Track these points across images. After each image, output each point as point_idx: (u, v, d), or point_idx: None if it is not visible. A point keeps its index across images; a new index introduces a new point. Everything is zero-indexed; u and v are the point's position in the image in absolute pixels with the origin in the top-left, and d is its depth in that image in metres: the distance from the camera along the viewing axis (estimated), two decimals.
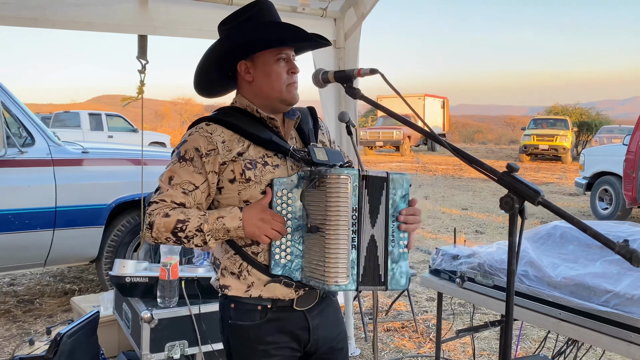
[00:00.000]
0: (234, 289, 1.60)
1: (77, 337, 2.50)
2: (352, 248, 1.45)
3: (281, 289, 1.58)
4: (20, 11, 2.60)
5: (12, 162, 3.97)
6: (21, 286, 5.32)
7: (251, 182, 1.55)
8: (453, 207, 10.15)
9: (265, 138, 1.58)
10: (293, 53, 1.65)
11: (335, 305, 1.80)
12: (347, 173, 1.44)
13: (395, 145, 24.05)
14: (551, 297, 2.22)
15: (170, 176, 1.55)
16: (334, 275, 1.44)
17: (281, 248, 1.53)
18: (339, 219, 1.44)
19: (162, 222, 1.49)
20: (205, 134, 1.56)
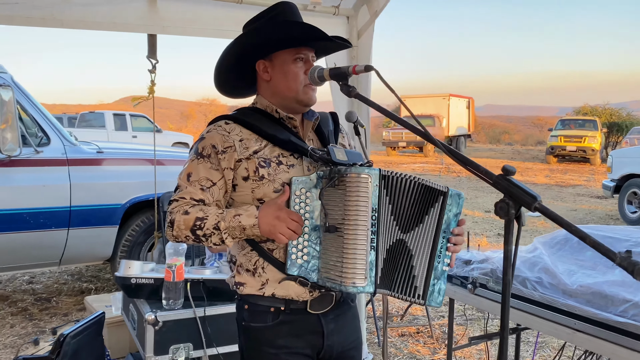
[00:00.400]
0: (249, 286, 1.59)
1: (82, 338, 2.48)
2: (370, 249, 1.40)
3: (295, 288, 1.55)
4: (29, 11, 2.60)
5: (27, 161, 4.01)
6: (39, 284, 5.39)
7: (264, 180, 1.54)
8: (476, 210, 9.96)
9: (283, 138, 1.57)
10: (313, 55, 1.64)
11: (353, 312, 1.75)
12: (368, 172, 1.40)
13: (419, 146, 23.82)
14: (566, 305, 2.11)
15: (189, 173, 1.55)
16: (351, 275, 1.39)
17: (298, 248, 1.49)
18: (359, 218, 1.39)
19: (182, 220, 1.49)
20: (223, 132, 1.57)
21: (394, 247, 1.48)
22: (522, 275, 2.32)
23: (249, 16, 3.23)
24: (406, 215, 1.48)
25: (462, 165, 1.10)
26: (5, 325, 4.29)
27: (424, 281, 1.50)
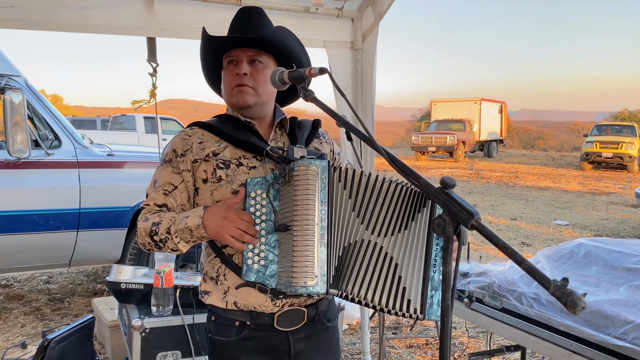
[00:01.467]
0: (212, 295, 1.54)
1: (68, 343, 2.47)
2: (320, 245, 1.31)
3: (256, 296, 1.47)
4: (25, 14, 2.61)
5: (38, 163, 4.06)
6: (55, 284, 5.46)
7: (222, 182, 1.51)
8: (501, 217, 9.69)
9: (243, 139, 1.54)
10: (251, 54, 1.55)
11: (330, 332, 1.64)
12: (315, 164, 1.32)
13: (449, 150, 23.43)
14: (562, 325, 1.98)
15: (155, 180, 1.56)
16: (301, 275, 1.29)
17: (254, 252, 1.41)
18: (307, 213, 1.31)
19: (142, 227, 1.49)
20: (185, 136, 1.57)
21: (358, 248, 1.36)
22: (519, 290, 2.19)
23: None
24: (377, 216, 1.37)
25: (403, 174, 1.01)
26: (17, 325, 4.35)
27: (420, 294, 1.37)
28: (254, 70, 1.54)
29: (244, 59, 1.54)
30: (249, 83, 1.53)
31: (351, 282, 1.36)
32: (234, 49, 1.55)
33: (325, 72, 1.26)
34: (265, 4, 3.09)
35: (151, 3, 2.87)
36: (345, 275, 1.36)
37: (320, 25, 3.31)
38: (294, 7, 3.15)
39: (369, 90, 3.39)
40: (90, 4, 2.72)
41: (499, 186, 14.71)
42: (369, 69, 3.36)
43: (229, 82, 1.55)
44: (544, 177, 17.28)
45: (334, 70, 3.39)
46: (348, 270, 1.36)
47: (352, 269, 1.36)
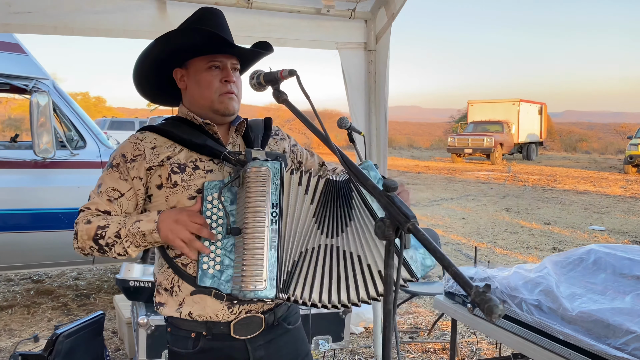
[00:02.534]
0: (168, 307, 1.50)
1: (77, 338, 2.54)
2: (270, 248, 1.30)
3: (211, 304, 1.44)
4: (41, 19, 2.70)
5: (63, 163, 4.20)
6: (83, 281, 5.64)
7: (178, 187, 1.46)
8: (534, 221, 9.44)
9: (198, 142, 1.49)
10: (234, 62, 1.55)
11: (294, 335, 1.61)
12: (267, 165, 1.32)
13: (486, 152, 22.99)
14: (561, 333, 1.92)
15: (99, 184, 1.51)
16: (249, 279, 1.29)
17: (210, 257, 1.38)
18: (256, 215, 1.30)
19: (85, 230, 1.43)
20: (135, 140, 1.51)
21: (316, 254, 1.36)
22: (520, 296, 2.14)
23: (259, 21, 3.22)
24: (332, 219, 1.37)
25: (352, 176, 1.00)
26: (44, 319, 4.52)
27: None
28: (237, 79, 1.55)
29: (229, 66, 1.53)
30: (235, 91, 1.53)
31: (300, 286, 1.35)
32: (221, 54, 1.52)
33: (294, 74, 1.27)
34: (276, 6, 3.11)
35: (163, 7, 2.93)
36: (296, 280, 1.35)
37: (332, 27, 3.30)
38: (305, 9, 3.16)
39: (382, 92, 3.36)
40: (104, 9, 2.80)
41: (535, 189, 14.34)
42: (382, 70, 3.34)
43: (216, 87, 1.51)
44: (584, 180, 16.74)
45: (346, 71, 3.38)
46: (302, 274, 1.35)
47: (306, 272, 1.35)
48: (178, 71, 1.57)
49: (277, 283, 1.30)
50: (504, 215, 10.14)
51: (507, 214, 10.22)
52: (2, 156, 4.20)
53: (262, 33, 3.15)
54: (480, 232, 8.48)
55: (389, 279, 0.86)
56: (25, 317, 4.54)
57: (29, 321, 4.45)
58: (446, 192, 13.52)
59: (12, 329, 4.27)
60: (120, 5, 2.82)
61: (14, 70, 4.20)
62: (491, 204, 11.51)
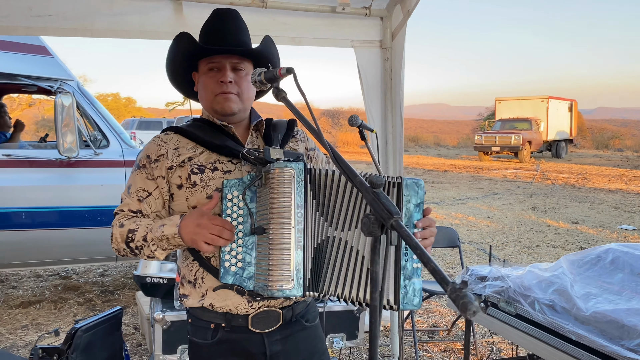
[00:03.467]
0: (191, 298, 1.54)
1: (96, 332, 2.60)
2: (297, 248, 1.32)
3: (234, 298, 1.48)
4: (61, 22, 2.78)
5: (87, 162, 4.30)
6: (109, 277, 5.76)
7: (197, 187, 1.50)
8: (561, 220, 9.25)
9: (218, 143, 1.53)
10: (235, 61, 1.55)
11: (311, 332, 1.62)
12: (290, 166, 1.33)
13: (514, 150, 22.61)
14: (574, 334, 1.88)
15: (129, 185, 1.56)
16: (277, 278, 1.31)
17: (231, 254, 1.42)
18: (283, 216, 1.32)
19: (118, 233, 1.48)
20: (159, 142, 1.56)
21: (326, 246, 1.37)
22: (533, 295, 2.10)
23: (275, 20, 3.24)
24: (339, 211, 1.37)
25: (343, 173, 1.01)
26: (69, 314, 4.63)
27: (392, 284, 1.37)
28: (238, 77, 1.54)
29: (227, 65, 1.53)
30: (234, 90, 1.53)
31: (327, 282, 1.36)
32: (217, 55, 1.53)
33: (291, 72, 1.27)
34: (292, 5, 3.13)
35: (180, 8, 2.98)
36: (320, 276, 1.37)
37: (348, 25, 3.30)
38: (320, 7, 3.17)
39: (398, 89, 3.35)
40: (122, 11, 2.86)
41: (564, 188, 14.05)
42: (398, 68, 3.32)
43: (212, 88, 1.53)
44: (616, 178, 16.32)
45: (362, 69, 3.38)
46: (322, 270, 1.37)
47: (326, 268, 1.37)
48: (195, 75, 1.63)
49: (304, 282, 1.32)
50: (530, 214, 9.97)
51: (533, 213, 10.04)
52: (29, 155, 4.33)
53: (277, 32, 3.17)
54: (505, 231, 8.36)
55: (374, 276, 0.86)
56: (52, 312, 4.67)
57: (56, 316, 4.57)
58: (472, 191, 13.35)
59: (39, 323, 4.40)
60: (137, 7, 2.88)
61: (40, 72, 4.32)
62: (517, 203, 11.32)
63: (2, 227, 4.21)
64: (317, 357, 1.62)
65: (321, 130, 1.15)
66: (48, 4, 2.74)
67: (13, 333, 4.19)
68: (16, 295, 5.16)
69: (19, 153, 4.31)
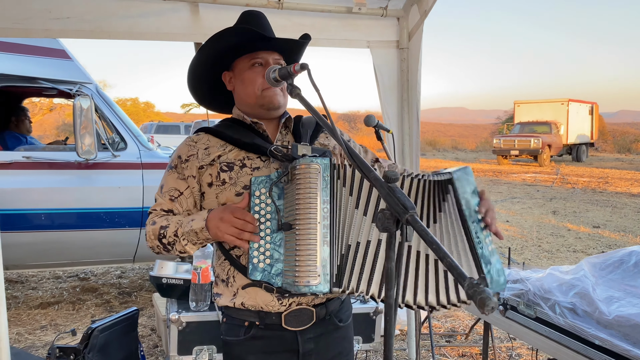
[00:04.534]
0: (224, 297, 1.56)
1: (112, 332, 2.61)
2: (323, 244, 1.31)
3: (263, 295, 1.48)
4: (79, 24, 2.80)
5: (105, 164, 4.34)
6: (126, 279, 5.80)
7: (226, 185, 1.52)
8: (582, 225, 9.09)
9: (247, 141, 1.55)
10: (277, 57, 1.59)
11: (342, 333, 1.63)
12: (317, 162, 1.33)
13: (533, 154, 22.33)
14: (596, 338, 1.83)
15: (162, 185, 1.60)
16: (304, 274, 1.31)
17: (260, 251, 1.42)
18: (309, 212, 1.32)
19: (151, 230, 1.52)
20: (190, 142, 1.59)
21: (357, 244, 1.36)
22: (553, 298, 2.06)
23: (291, 21, 3.24)
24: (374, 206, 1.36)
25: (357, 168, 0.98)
26: (87, 315, 4.67)
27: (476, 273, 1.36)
28: None
29: (272, 61, 1.57)
30: (279, 85, 1.53)
31: (354, 278, 1.36)
32: (261, 51, 1.56)
33: (305, 68, 1.26)
34: (307, 6, 3.12)
35: (196, 9, 2.98)
36: (345, 272, 1.36)
37: (364, 26, 3.28)
38: (336, 8, 3.15)
39: (414, 90, 3.31)
40: (139, 13, 2.87)
41: (584, 192, 13.82)
42: (415, 69, 3.29)
43: (259, 83, 1.55)
44: (638, 182, 16.02)
45: (378, 70, 3.35)
46: (351, 266, 1.36)
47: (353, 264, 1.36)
48: (226, 74, 1.64)
49: (330, 278, 1.31)
50: (550, 218, 9.82)
51: (553, 217, 9.89)
52: (48, 157, 4.38)
53: (294, 34, 3.13)
54: (524, 235, 8.24)
55: (390, 272, 0.83)
56: (70, 313, 4.71)
57: (74, 317, 4.62)
58: (491, 195, 13.20)
59: (57, 323, 4.44)
60: (153, 9, 2.89)
61: (60, 75, 4.38)
62: (537, 207, 11.16)
63: (22, 228, 4.26)
64: (341, 357, 1.62)
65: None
66: (66, 7, 2.76)
67: (32, 333, 4.23)
68: (35, 296, 5.22)
69: (38, 155, 4.36)
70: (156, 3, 2.90)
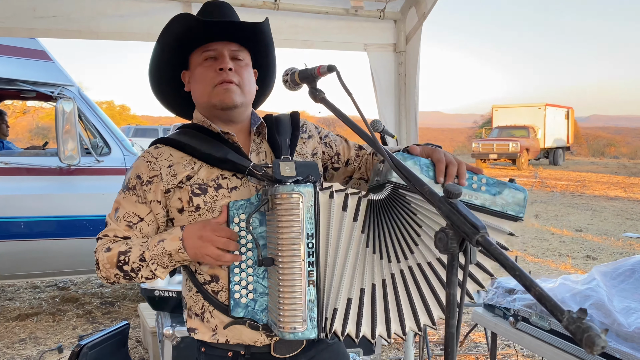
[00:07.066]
0: (201, 333, 1.38)
1: (102, 349, 2.47)
2: (308, 284, 1.18)
3: (249, 334, 1.33)
4: (65, 24, 2.66)
5: (88, 170, 4.17)
6: (108, 288, 5.61)
7: (201, 210, 1.32)
8: (565, 228, 9.17)
9: (219, 157, 1.33)
10: (234, 48, 1.37)
11: (335, 349, 1.48)
12: (299, 190, 1.17)
13: (511, 158, 22.59)
14: (617, 351, 1.77)
15: (116, 208, 1.38)
16: (289, 319, 1.17)
17: (241, 285, 1.27)
18: (292, 247, 1.17)
19: (105, 258, 1.31)
20: (150, 159, 1.37)
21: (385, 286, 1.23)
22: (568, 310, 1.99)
23: (286, 22, 3.14)
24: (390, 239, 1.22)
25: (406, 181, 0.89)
26: (69, 327, 4.48)
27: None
28: (238, 67, 1.36)
29: (226, 53, 1.35)
30: (235, 80, 1.34)
31: (340, 320, 1.22)
32: (214, 42, 1.35)
33: (333, 70, 1.15)
34: (303, 7, 3.03)
35: (189, 9, 2.86)
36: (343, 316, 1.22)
37: (361, 28, 3.20)
38: (333, 10, 3.06)
39: (412, 94, 3.24)
40: (128, 13, 2.74)
41: (564, 195, 13.99)
42: (413, 72, 3.22)
43: (210, 79, 1.34)
44: (615, 186, 16.29)
45: (375, 74, 3.28)
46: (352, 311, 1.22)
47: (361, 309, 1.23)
48: (185, 74, 1.44)
49: (318, 321, 1.18)
50: (533, 221, 9.88)
51: (536, 221, 9.96)
52: (28, 163, 4.19)
53: (289, 35, 3.07)
54: (509, 239, 8.24)
55: (452, 299, 0.74)
56: (51, 325, 4.52)
57: (54, 329, 4.42)
58: None
59: (37, 336, 4.25)
60: (144, 9, 2.76)
61: (40, 77, 4.20)
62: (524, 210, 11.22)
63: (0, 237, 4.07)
64: None
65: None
66: (52, 5, 2.62)
67: (10, 347, 4.04)
68: (13, 307, 5.01)
69: (17, 161, 4.17)
70: (147, 2, 2.78)
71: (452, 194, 0.76)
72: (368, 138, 1.01)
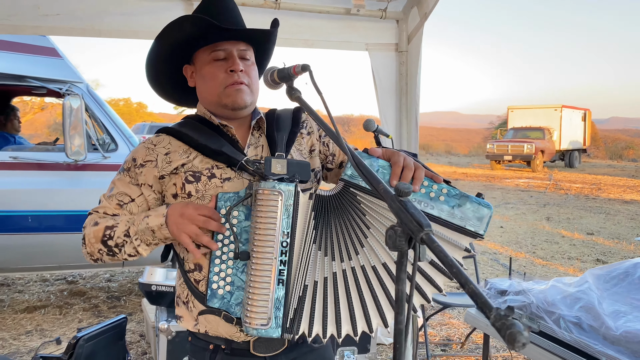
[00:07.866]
0: (185, 321, 1.42)
1: (98, 342, 2.51)
2: (277, 283, 1.20)
3: (225, 326, 1.34)
4: (69, 21, 2.71)
5: (94, 166, 4.23)
6: (115, 283, 5.69)
7: (193, 198, 1.34)
8: (576, 231, 9.06)
9: (214, 148, 1.36)
10: (242, 47, 1.41)
11: (319, 354, 1.47)
12: (279, 188, 1.19)
13: (526, 159, 22.36)
14: (603, 354, 1.76)
15: (111, 187, 1.43)
16: (254, 315, 1.20)
17: (220, 276, 1.29)
18: (265, 244, 1.20)
19: (92, 232, 1.35)
20: (150, 145, 1.42)
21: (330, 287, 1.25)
22: (558, 312, 1.98)
23: (288, 22, 3.16)
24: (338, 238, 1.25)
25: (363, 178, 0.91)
26: (75, 320, 4.56)
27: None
28: (246, 66, 1.40)
29: (235, 53, 1.39)
30: (245, 80, 1.38)
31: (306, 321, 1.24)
32: (224, 41, 1.38)
33: (307, 69, 1.17)
34: (305, 7, 3.04)
35: (190, 7, 2.90)
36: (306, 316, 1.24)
37: (363, 28, 3.21)
38: (334, 9, 3.08)
39: (414, 94, 3.25)
40: (131, 11, 2.79)
41: (577, 198, 13.82)
42: (414, 72, 3.23)
43: (221, 79, 1.37)
44: (631, 189, 16.07)
45: (376, 73, 3.29)
46: (309, 309, 1.24)
47: (314, 307, 1.24)
48: (187, 68, 1.47)
49: (283, 321, 1.21)
50: (544, 224, 9.79)
51: (547, 223, 9.86)
52: (36, 158, 4.27)
53: (290, 34, 3.09)
54: (518, 242, 8.20)
55: (400, 295, 0.76)
56: (57, 318, 4.60)
57: (60, 322, 4.50)
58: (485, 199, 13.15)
59: (44, 329, 4.32)
60: (147, 7, 2.81)
61: (49, 73, 4.27)
62: (531, 213, 11.14)
63: (9, 230, 4.15)
64: None
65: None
66: (56, 3, 2.67)
67: (17, 339, 4.12)
68: (22, 299, 5.10)
69: (26, 155, 4.25)
70: (150, 1, 2.82)
71: (402, 192, 0.77)
72: (332, 135, 1.02)
